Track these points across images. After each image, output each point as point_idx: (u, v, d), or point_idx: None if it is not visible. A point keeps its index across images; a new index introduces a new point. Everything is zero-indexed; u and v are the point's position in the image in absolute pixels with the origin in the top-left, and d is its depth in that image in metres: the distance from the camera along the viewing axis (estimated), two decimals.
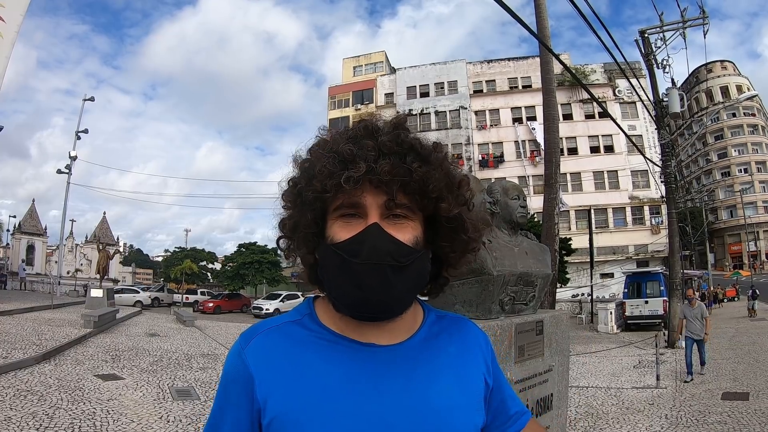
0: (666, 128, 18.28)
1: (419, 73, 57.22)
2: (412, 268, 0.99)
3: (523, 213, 3.43)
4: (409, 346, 1.06)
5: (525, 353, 3.19)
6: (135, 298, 38.47)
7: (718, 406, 8.41)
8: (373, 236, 0.95)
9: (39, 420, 6.71)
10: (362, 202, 0.97)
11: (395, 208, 0.97)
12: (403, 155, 0.98)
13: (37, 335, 13.70)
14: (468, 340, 1.15)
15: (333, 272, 0.99)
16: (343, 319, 1.04)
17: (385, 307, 0.99)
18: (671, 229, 18.54)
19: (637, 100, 37.37)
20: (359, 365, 1.00)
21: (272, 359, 1.01)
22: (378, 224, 0.96)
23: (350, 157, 0.96)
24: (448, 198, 1.02)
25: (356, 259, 0.94)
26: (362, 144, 0.97)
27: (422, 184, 0.97)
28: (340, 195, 0.97)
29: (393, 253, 0.95)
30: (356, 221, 0.98)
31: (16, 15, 12.57)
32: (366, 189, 0.96)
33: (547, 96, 14.56)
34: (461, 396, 1.05)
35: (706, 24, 18.08)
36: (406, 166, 0.97)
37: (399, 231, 0.98)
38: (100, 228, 64.17)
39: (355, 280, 0.95)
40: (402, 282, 0.97)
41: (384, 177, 0.95)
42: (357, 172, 0.94)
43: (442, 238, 1.05)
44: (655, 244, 45.28)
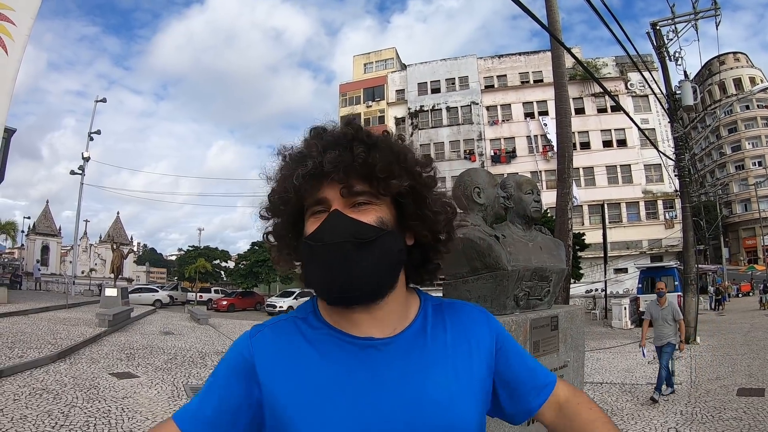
0: (679, 121, 18.11)
1: (430, 69, 57.10)
2: (376, 245, 1.02)
3: (537, 207, 3.40)
4: (405, 338, 1.08)
5: (540, 349, 3.17)
6: (154, 297, 38.72)
7: (734, 402, 8.33)
8: (333, 220, 1.01)
9: (54, 418, 6.76)
10: (324, 197, 1.03)
11: (353, 196, 1.02)
12: (347, 146, 1.03)
13: (53, 334, 13.82)
14: (465, 325, 1.16)
15: (307, 263, 1.07)
16: (336, 313, 1.08)
17: (352, 285, 1.01)
18: (685, 224, 18.37)
19: (650, 93, 37.04)
20: (357, 359, 1.04)
21: (275, 352, 1.06)
22: (338, 210, 1.02)
23: (300, 158, 1.05)
24: (399, 176, 1.05)
25: (320, 241, 1.01)
26: (309, 144, 1.06)
27: (368, 166, 1.01)
28: (306, 196, 1.05)
29: (353, 233, 1.00)
30: (323, 215, 1.04)
31: (27, 18, 12.63)
32: (324, 185, 1.03)
33: (559, 90, 14.48)
34: (459, 385, 1.06)
35: (718, 15, 17.89)
36: (351, 155, 1.01)
37: (361, 214, 1.03)
38: (113, 228, 64.49)
39: (322, 263, 1.02)
40: (365, 258, 1.01)
41: (328, 167, 1.00)
42: (305, 169, 1.02)
43: (408, 217, 1.09)
44: (669, 238, 44.93)
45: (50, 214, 57.78)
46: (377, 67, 60.62)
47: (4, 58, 12.56)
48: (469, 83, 55.37)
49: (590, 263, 39.79)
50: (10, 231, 53.76)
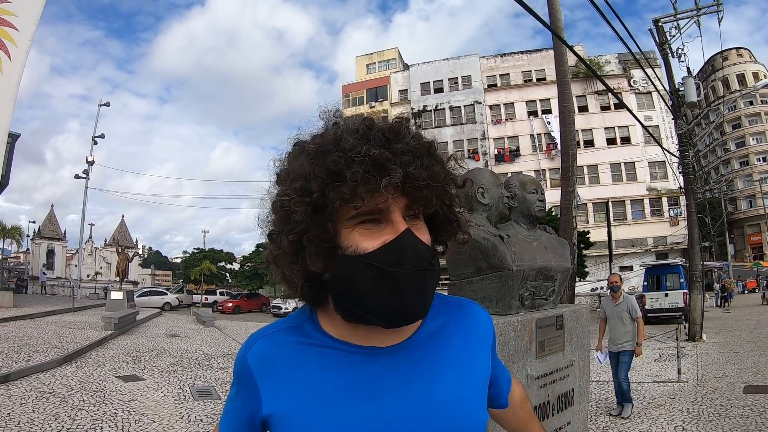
0: (683, 118, 18.05)
1: (432, 68, 57.05)
2: (438, 269, 0.96)
3: (541, 207, 3.40)
4: (411, 344, 1.04)
5: (546, 348, 3.16)
6: (164, 300, 39.00)
7: (740, 399, 8.28)
8: (411, 243, 0.92)
9: (61, 422, 6.77)
10: (385, 207, 0.91)
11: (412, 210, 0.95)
12: (424, 157, 0.94)
13: (59, 338, 13.86)
14: (472, 326, 1.14)
15: (366, 285, 0.91)
16: (347, 325, 1.00)
17: (422, 313, 0.97)
18: (690, 221, 18.31)
19: (653, 90, 36.96)
20: (358, 368, 0.99)
21: (272, 365, 1.01)
22: (410, 230, 0.92)
23: (384, 162, 0.89)
24: (455, 199, 1.02)
25: (398, 268, 0.90)
26: (392, 148, 0.91)
27: (443, 187, 0.96)
28: (356, 200, 0.89)
29: (428, 257, 0.94)
30: (378, 228, 0.93)
31: (30, 23, 12.65)
32: (385, 192, 0.90)
33: (562, 88, 14.48)
34: (468, 388, 1.05)
35: (720, 11, 17.80)
36: (430, 169, 0.93)
37: (420, 233, 0.95)
38: (118, 231, 64.75)
39: (396, 290, 0.90)
40: (434, 285, 0.96)
41: (420, 182, 0.90)
42: (396, 178, 0.88)
43: (440, 234, 1.04)
44: (674, 235, 44.84)
45: (55, 218, 58.07)
46: (380, 67, 60.62)
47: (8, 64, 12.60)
48: (471, 82, 55.31)
49: (595, 261, 39.73)
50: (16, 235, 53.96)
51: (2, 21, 12.21)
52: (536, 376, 3.03)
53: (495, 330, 1.21)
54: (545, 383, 3.11)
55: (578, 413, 3.51)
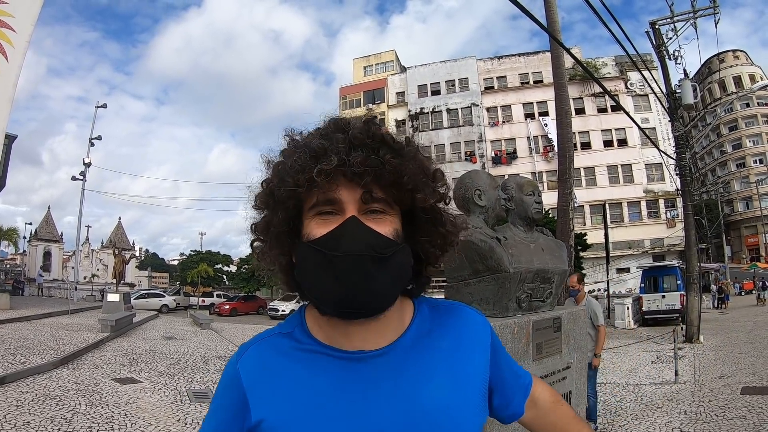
0: (679, 120, 18.08)
1: (430, 71, 57.10)
2: (393, 260, 0.96)
3: (538, 209, 3.40)
4: (398, 348, 1.03)
5: (543, 351, 3.16)
6: (161, 302, 39.21)
7: (738, 401, 8.28)
8: (351, 228, 0.93)
9: (57, 424, 6.74)
10: (338, 198, 0.95)
11: (372, 202, 0.96)
12: (375, 148, 0.96)
13: (55, 340, 13.82)
14: (463, 329, 1.12)
15: (312, 270, 0.96)
16: (329, 324, 1.02)
17: (366, 301, 0.95)
18: (687, 222, 18.34)
19: (650, 93, 37.03)
20: (346, 375, 0.99)
21: (262, 372, 1.02)
22: (356, 217, 0.94)
23: (321, 151, 0.94)
24: (423, 189, 1.01)
25: (336, 251, 0.92)
26: (333, 138, 0.96)
27: (396, 175, 0.96)
28: (315, 192, 0.95)
29: (373, 246, 0.93)
30: (333, 218, 0.96)
31: (27, 24, 12.64)
32: (341, 184, 0.94)
33: (559, 91, 14.52)
34: (456, 394, 1.03)
35: (717, 13, 17.85)
36: (379, 158, 0.95)
37: (378, 224, 0.96)
38: (115, 233, 64.64)
39: (336, 275, 0.92)
40: (383, 275, 0.94)
41: (357, 168, 0.93)
42: (329, 165, 0.92)
43: (420, 232, 1.04)
44: (671, 237, 44.92)
45: (52, 220, 57.95)
46: (377, 69, 60.64)
47: (5, 65, 12.57)
48: (469, 85, 55.36)
49: (592, 263, 39.73)
50: (12, 237, 53.88)
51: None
52: None
53: None
54: None
55: None
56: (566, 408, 1.28)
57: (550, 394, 1.28)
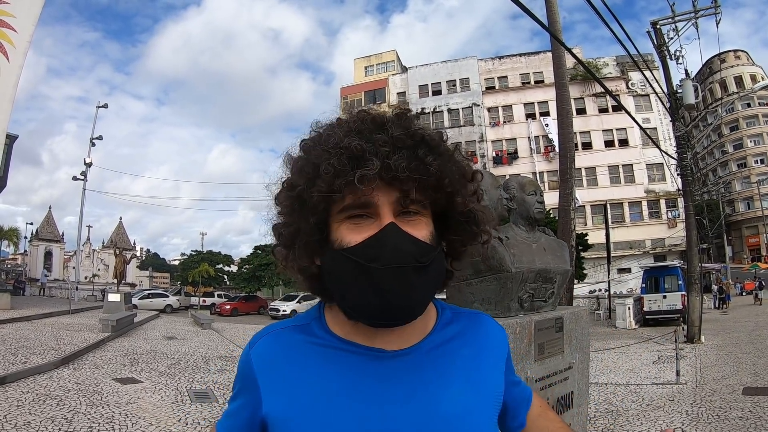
0: (681, 120, 18.06)
1: (431, 71, 57.10)
2: (432, 267, 0.92)
3: (540, 208, 3.39)
4: (419, 350, 1.00)
5: (545, 351, 3.15)
6: (165, 302, 39.31)
7: (740, 401, 8.27)
8: (392, 237, 0.88)
9: (58, 424, 6.74)
10: (373, 201, 0.89)
11: (409, 204, 0.90)
12: (414, 148, 0.91)
13: (56, 340, 13.82)
14: (485, 339, 1.09)
15: (347, 280, 0.90)
16: (353, 326, 0.98)
17: (408, 312, 0.91)
18: (688, 223, 18.31)
19: (651, 93, 37.01)
20: (363, 372, 0.96)
21: (275, 363, 0.99)
22: (395, 224, 0.89)
23: (360, 153, 0.87)
24: (463, 191, 0.97)
25: (376, 263, 0.86)
26: (373, 139, 0.89)
27: (439, 178, 0.91)
28: (347, 195, 0.89)
29: (414, 254, 0.88)
30: (366, 222, 0.90)
31: (28, 24, 12.68)
32: (377, 187, 0.88)
33: (560, 90, 14.49)
34: (475, 401, 1.00)
35: (718, 13, 17.82)
36: (420, 160, 0.89)
37: (414, 228, 0.91)
38: (116, 233, 64.57)
39: (376, 286, 0.87)
40: (424, 284, 0.91)
41: (402, 174, 0.87)
42: (371, 170, 0.86)
43: (453, 231, 1.00)
44: (672, 237, 44.88)
45: (53, 220, 57.88)
46: (378, 69, 60.66)
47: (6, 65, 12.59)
48: (470, 85, 55.35)
49: (593, 263, 39.72)
50: (13, 237, 53.92)
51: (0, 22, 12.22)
52: (536, 379, 3.02)
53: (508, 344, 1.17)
54: (545, 386, 3.10)
55: (578, 415, 3.50)
56: (553, 413, 1.26)
57: (538, 400, 1.24)
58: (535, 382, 3.01)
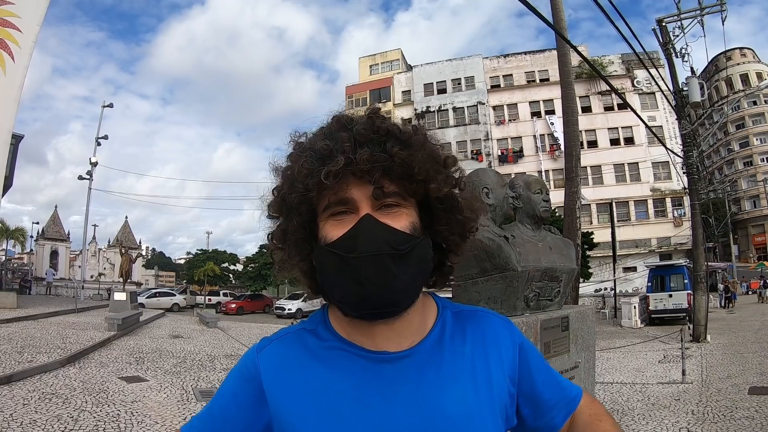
0: (686, 118, 18.01)
1: (436, 69, 57.07)
2: (413, 255, 0.94)
3: (546, 207, 3.37)
4: (421, 351, 1.01)
5: (551, 350, 3.14)
6: (172, 301, 39.47)
7: (745, 401, 8.25)
8: (367, 227, 0.92)
9: (64, 423, 6.76)
10: (350, 197, 0.94)
11: (384, 197, 0.94)
12: (381, 143, 0.95)
13: (62, 339, 13.86)
14: (487, 336, 1.08)
15: (331, 273, 0.95)
16: (351, 324, 1.01)
17: (389, 300, 0.93)
18: (694, 221, 18.26)
19: (657, 91, 36.96)
20: (368, 374, 0.97)
21: (281, 367, 1.00)
22: (370, 215, 0.93)
23: (327, 152, 0.93)
24: (437, 178, 0.98)
25: (353, 253, 0.91)
26: (337, 137, 0.95)
27: (406, 167, 0.94)
28: (326, 194, 0.94)
29: (390, 242, 0.92)
30: (348, 218, 0.94)
31: (33, 25, 12.72)
32: (351, 183, 0.93)
33: (565, 89, 14.46)
34: (479, 401, 0.99)
35: (724, 11, 17.76)
36: (386, 152, 0.93)
37: (393, 219, 0.94)
38: (122, 232, 64.61)
39: (355, 276, 0.91)
40: (403, 271, 0.93)
41: (364, 166, 0.91)
42: (335, 166, 0.91)
43: (437, 221, 1.02)
44: (678, 236, 44.76)
45: (59, 219, 57.95)
46: (383, 68, 60.74)
47: (11, 65, 12.64)
48: (475, 83, 55.27)
49: (599, 262, 39.63)
50: (19, 237, 54.03)
51: (5, 22, 12.26)
52: None
53: None
54: None
55: None
56: (606, 425, 1.14)
57: (590, 407, 1.17)
58: None
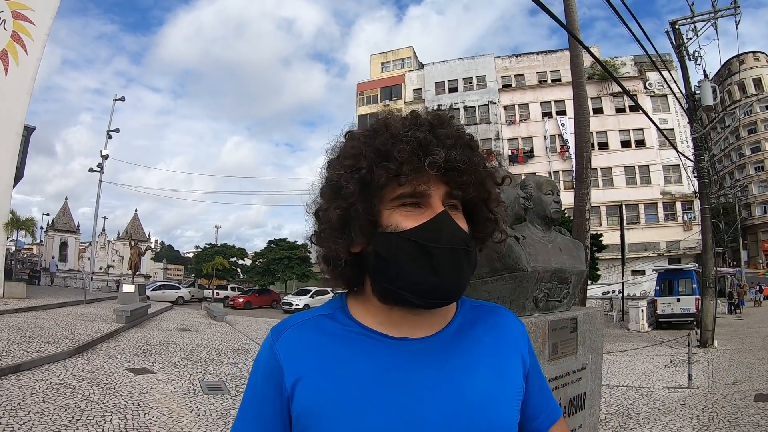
0: (698, 121, 17.90)
1: (447, 68, 57.01)
2: (473, 254, 1.02)
3: (556, 208, 3.37)
4: (443, 337, 1.04)
5: (558, 351, 3.14)
6: (177, 294, 39.78)
7: (751, 407, 8.22)
8: (447, 222, 0.96)
9: (71, 412, 6.81)
10: (428, 192, 0.96)
11: (453, 198, 0.99)
12: (466, 147, 1.00)
13: (70, 330, 13.95)
14: (505, 330, 1.12)
15: (405, 260, 0.95)
16: (382, 312, 1.03)
17: (455, 292, 1.00)
18: (704, 226, 18.16)
19: (669, 93, 36.72)
20: (390, 358, 0.99)
21: (302, 352, 1.01)
22: (447, 212, 0.97)
23: (427, 144, 0.96)
24: (494, 194, 1.06)
25: (437, 243, 0.95)
26: (437, 133, 0.98)
27: (480, 178, 1.01)
28: (406, 183, 0.96)
29: (465, 239, 0.98)
30: (417, 210, 0.97)
31: (46, 17, 12.78)
32: (431, 178, 0.96)
33: (577, 90, 14.40)
34: (498, 389, 1.02)
35: (738, 14, 17.64)
36: (471, 159, 0.99)
37: (458, 219, 1.00)
38: (132, 225, 64.92)
39: (433, 266, 0.94)
40: (469, 267, 1.00)
41: (462, 166, 0.96)
42: (439, 159, 0.94)
43: (476, 229, 1.06)
44: (688, 240, 44.51)
45: (69, 211, 58.28)
46: (395, 66, 60.79)
47: (24, 57, 12.72)
48: (486, 82, 55.15)
49: (608, 264, 39.52)
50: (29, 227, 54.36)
51: (19, 15, 12.33)
52: (548, 379, 2.99)
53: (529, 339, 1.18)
54: (557, 386, 3.09)
55: (589, 417, 3.48)
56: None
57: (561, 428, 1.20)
58: (549, 381, 3.00)
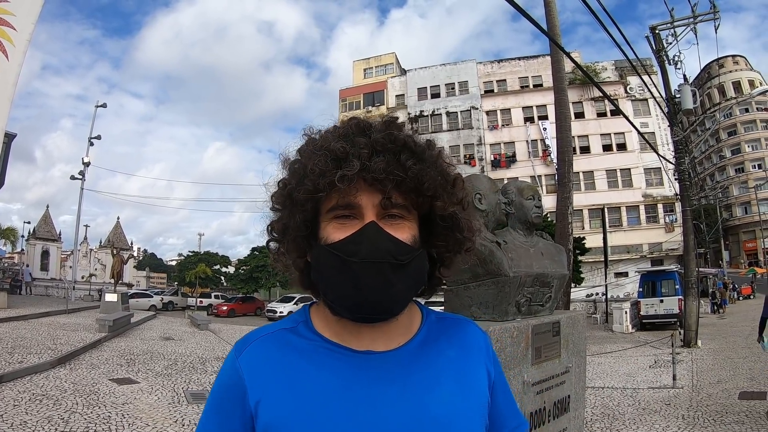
0: (679, 125, 18.09)
1: (430, 74, 57.14)
2: (411, 267, 0.96)
3: (538, 213, 3.40)
4: (406, 351, 1.03)
5: (542, 355, 3.16)
6: (150, 302, 39.38)
7: (736, 405, 8.30)
8: (371, 234, 0.93)
9: (54, 424, 6.73)
10: (357, 203, 0.94)
11: (391, 207, 0.95)
12: (396, 153, 0.96)
13: (53, 340, 13.78)
14: (469, 342, 1.11)
15: (329, 273, 0.96)
16: (339, 324, 1.02)
17: (384, 307, 0.96)
18: (686, 227, 18.36)
19: (649, 97, 37.05)
20: (353, 372, 0.98)
21: (265, 368, 0.99)
22: (375, 222, 0.94)
23: (343, 155, 0.93)
24: (443, 196, 1.00)
25: (354, 257, 0.92)
26: (355, 141, 0.95)
27: (417, 182, 0.95)
28: (334, 195, 0.95)
29: (392, 252, 0.93)
30: (351, 222, 0.95)
31: (28, 23, 12.60)
32: (360, 188, 0.94)
33: (558, 95, 14.52)
34: (463, 403, 1.01)
35: (717, 19, 17.88)
36: (400, 164, 0.94)
37: (396, 230, 0.96)
38: (114, 233, 64.53)
39: (354, 280, 0.92)
40: (401, 281, 0.95)
41: (379, 175, 0.92)
42: (351, 170, 0.91)
43: (436, 237, 1.03)
44: (670, 242, 44.88)
45: (50, 219, 57.83)
46: (377, 72, 60.76)
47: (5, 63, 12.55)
48: (468, 88, 55.36)
49: (591, 267, 39.75)
50: (11, 236, 53.80)
51: (0, 21, 12.20)
52: (532, 383, 3.02)
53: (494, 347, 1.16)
54: (541, 389, 3.11)
55: (574, 419, 3.50)
56: None
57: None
58: (532, 386, 3.02)
